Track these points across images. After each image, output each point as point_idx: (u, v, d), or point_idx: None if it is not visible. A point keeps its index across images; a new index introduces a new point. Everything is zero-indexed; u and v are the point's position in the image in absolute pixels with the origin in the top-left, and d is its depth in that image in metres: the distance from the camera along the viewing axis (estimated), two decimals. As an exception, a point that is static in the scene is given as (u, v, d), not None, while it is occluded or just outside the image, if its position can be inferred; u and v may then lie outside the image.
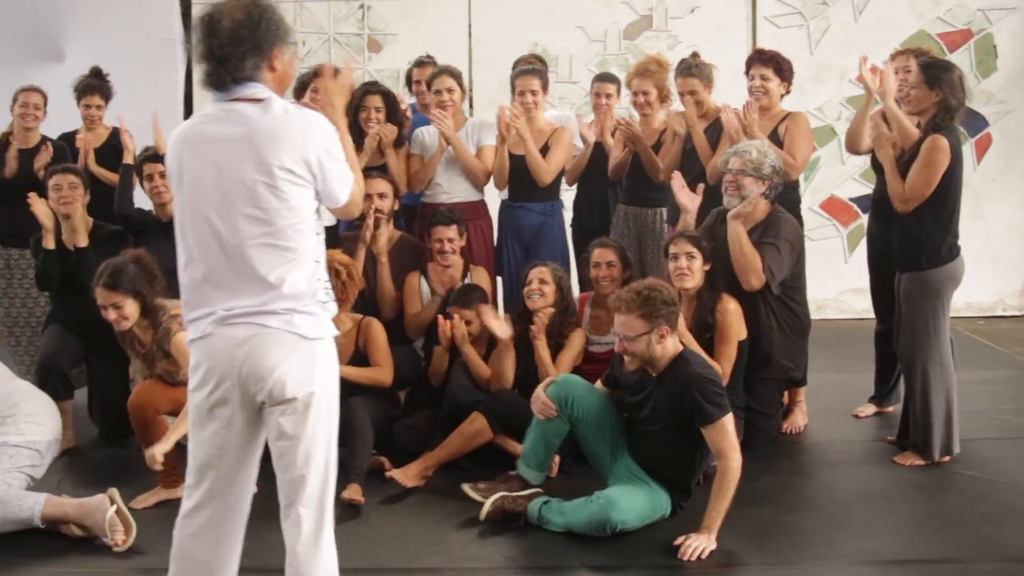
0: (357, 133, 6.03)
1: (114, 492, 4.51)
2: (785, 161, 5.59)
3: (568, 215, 6.77)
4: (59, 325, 5.91)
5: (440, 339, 5.56)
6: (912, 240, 5.19)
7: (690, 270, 5.30)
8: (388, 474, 5.10)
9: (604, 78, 6.86)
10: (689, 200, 5.63)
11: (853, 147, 6.07)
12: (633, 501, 4.49)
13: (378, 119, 6.15)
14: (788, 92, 5.98)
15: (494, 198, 6.63)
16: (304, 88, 6.11)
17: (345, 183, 3.24)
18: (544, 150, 6.28)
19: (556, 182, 6.45)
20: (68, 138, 6.93)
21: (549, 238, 6.40)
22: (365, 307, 5.77)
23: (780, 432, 5.80)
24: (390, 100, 6.24)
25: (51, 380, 5.65)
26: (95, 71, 6.92)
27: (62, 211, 5.73)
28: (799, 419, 5.91)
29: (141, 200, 6.28)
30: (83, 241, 5.74)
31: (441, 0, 9.11)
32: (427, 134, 6.36)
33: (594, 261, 5.71)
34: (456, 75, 6.36)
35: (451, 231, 5.92)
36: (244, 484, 3.26)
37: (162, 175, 5.73)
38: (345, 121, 3.43)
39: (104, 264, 4.90)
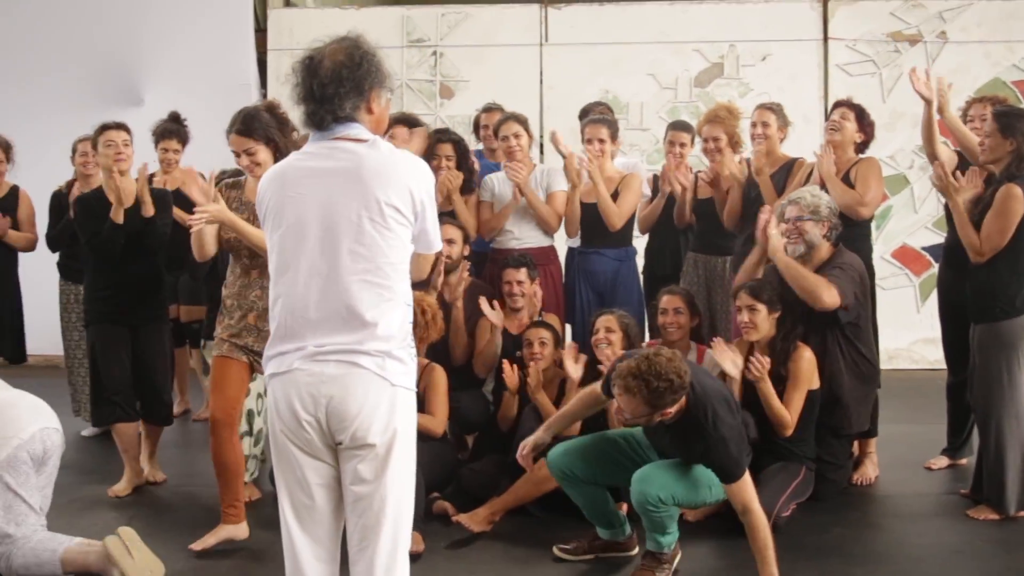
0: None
1: (126, 532, 4.39)
2: (854, 199, 5.60)
3: (640, 262, 6.77)
4: (108, 336, 5.89)
5: (507, 384, 5.57)
6: (986, 291, 5.12)
7: (753, 323, 5.30)
8: (455, 519, 5.11)
9: (679, 126, 6.85)
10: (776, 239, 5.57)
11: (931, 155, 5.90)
12: (665, 476, 4.44)
13: (448, 167, 6.20)
14: (863, 142, 5.95)
15: (562, 244, 6.65)
16: None
17: (438, 230, 3.28)
18: (614, 196, 6.27)
19: (628, 228, 6.43)
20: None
21: (624, 284, 6.37)
22: (434, 352, 5.80)
23: (850, 483, 5.72)
24: (461, 148, 6.30)
25: (117, 405, 5.81)
26: (173, 116, 7.06)
27: (116, 167, 5.75)
28: (870, 471, 5.83)
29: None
30: (149, 211, 5.77)
31: (513, 47, 9.22)
32: (497, 181, 6.40)
33: (661, 308, 5.72)
34: (523, 121, 6.40)
35: (520, 274, 5.97)
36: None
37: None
38: None
39: (237, 111, 4.92)
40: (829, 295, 5.27)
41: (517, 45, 9.23)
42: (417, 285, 5.89)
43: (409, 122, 6.42)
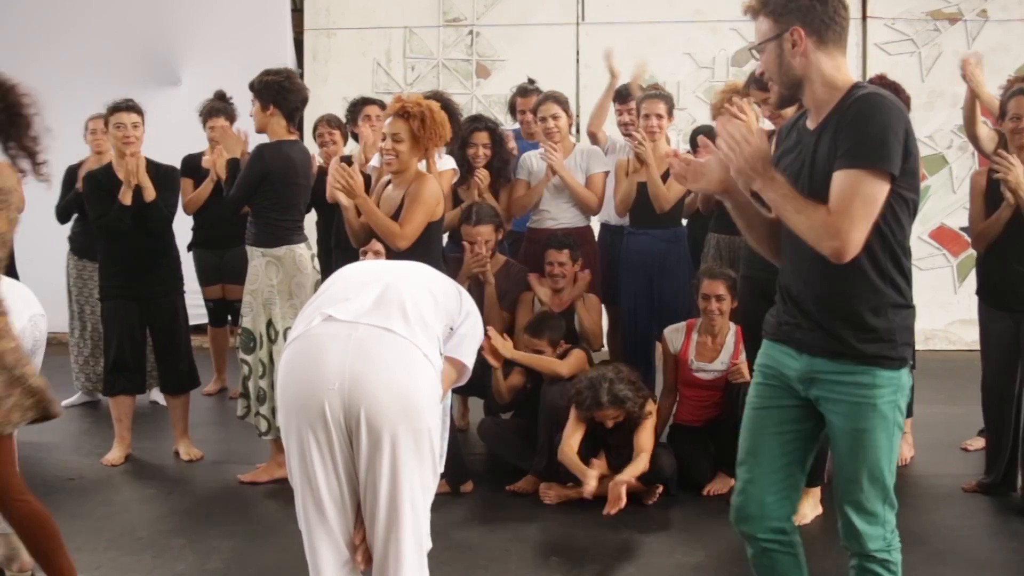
0: (465, 168, 6.19)
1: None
2: None
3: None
4: (118, 312, 6.04)
5: (489, 359, 5.57)
6: None
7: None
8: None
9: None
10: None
11: (972, 135, 5.92)
12: None
13: (485, 155, 6.21)
14: None
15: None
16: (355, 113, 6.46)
17: None
18: (664, 177, 6.17)
19: (677, 209, 6.37)
20: (195, 159, 7.21)
21: (673, 265, 6.33)
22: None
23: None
24: (496, 136, 6.31)
25: (122, 375, 6.05)
26: (219, 94, 7.15)
27: (124, 149, 5.87)
28: (905, 451, 5.82)
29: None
30: (150, 195, 5.89)
31: (549, 26, 9.20)
32: (534, 159, 6.40)
33: (703, 292, 5.70)
34: (562, 101, 6.38)
35: (563, 255, 6.02)
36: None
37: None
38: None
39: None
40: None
41: (553, 24, 9.20)
42: (455, 249, 5.99)
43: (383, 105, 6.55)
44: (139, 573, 4.53)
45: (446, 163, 6.18)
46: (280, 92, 5.52)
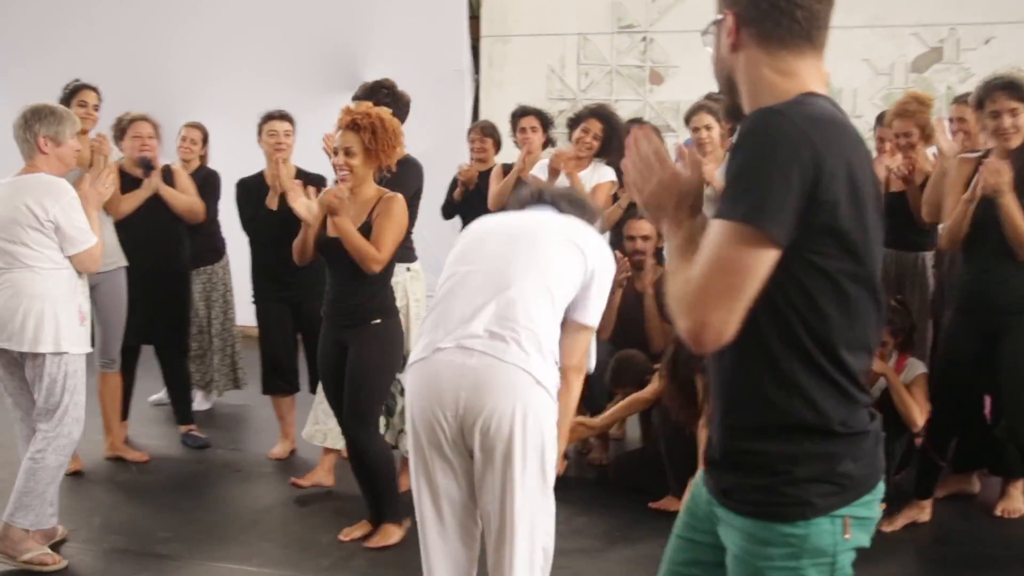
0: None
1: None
2: None
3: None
4: (271, 315, 6.32)
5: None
6: None
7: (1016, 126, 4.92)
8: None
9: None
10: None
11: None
12: None
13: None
14: None
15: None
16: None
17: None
18: None
19: None
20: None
21: None
22: (627, 340, 5.98)
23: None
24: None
25: (278, 375, 6.33)
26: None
27: (278, 156, 6.11)
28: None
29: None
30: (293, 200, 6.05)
31: (723, 33, 9.12)
32: None
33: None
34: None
35: (645, 226, 6.07)
36: None
37: None
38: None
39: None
40: None
41: (728, 30, 9.13)
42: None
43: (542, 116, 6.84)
44: (287, 567, 4.76)
45: (604, 174, 6.28)
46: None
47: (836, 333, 2.08)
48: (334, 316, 4.94)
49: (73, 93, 6.37)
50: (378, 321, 4.85)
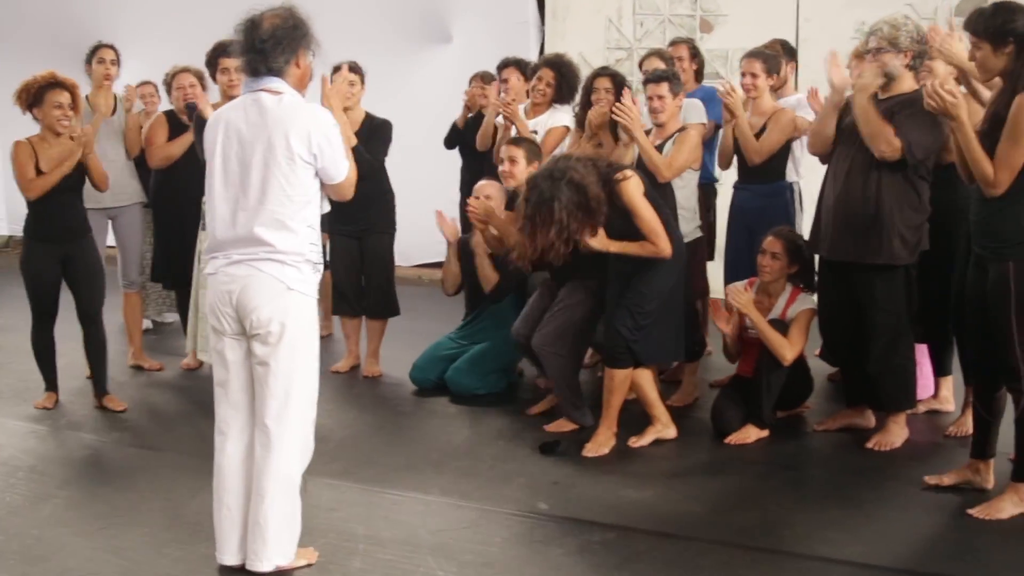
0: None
1: None
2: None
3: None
4: (339, 246, 7.10)
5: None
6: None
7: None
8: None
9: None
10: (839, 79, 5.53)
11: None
12: None
13: (608, 100, 6.36)
14: None
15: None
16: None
17: (339, 163, 4.09)
18: (764, 131, 6.39)
19: (775, 163, 6.49)
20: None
21: (773, 219, 6.24)
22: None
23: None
24: (618, 81, 6.51)
25: (344, 301, 7.14)
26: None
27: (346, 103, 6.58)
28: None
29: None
30: (352, 140, 6.41)
31: (771, -20, 9.33)
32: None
33: (762, 248, 5.86)
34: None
35: (662, 88, 6.17)
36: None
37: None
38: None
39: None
40: (888, 147, 5.20)
41: (775, -22, 9.32)
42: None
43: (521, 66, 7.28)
44: (474, 498, 5.00)
45: (559, 119, 6.78)
46: None
47: None
48: None
49: (94, 52, 7.29)
50: None
